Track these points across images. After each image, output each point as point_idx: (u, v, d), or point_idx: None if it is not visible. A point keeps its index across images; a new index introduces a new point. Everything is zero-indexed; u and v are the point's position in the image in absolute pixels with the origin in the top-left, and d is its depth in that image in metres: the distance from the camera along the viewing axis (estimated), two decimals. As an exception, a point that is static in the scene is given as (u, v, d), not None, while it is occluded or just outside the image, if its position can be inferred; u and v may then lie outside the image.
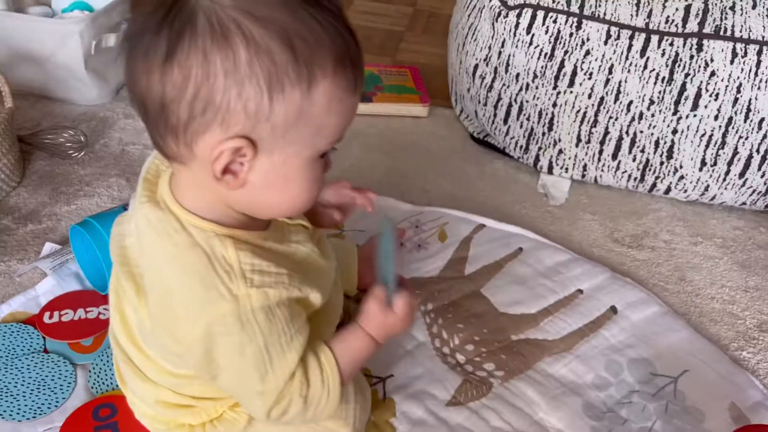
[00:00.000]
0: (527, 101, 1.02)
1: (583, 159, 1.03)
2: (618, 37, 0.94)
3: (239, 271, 0.48)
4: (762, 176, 0.96)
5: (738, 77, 0.91)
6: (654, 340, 0.78)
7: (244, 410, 0.58)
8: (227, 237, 0.49)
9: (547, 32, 0.96)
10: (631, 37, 0.93)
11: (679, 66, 0.93)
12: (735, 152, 0.95)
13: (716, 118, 0.93)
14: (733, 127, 0.94)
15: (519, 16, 0.97)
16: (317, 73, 0.45)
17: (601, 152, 1.01)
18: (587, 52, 0.95)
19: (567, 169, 1.05)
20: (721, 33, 0.91)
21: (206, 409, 0.58)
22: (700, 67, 0.92)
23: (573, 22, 0.94)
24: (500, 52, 1.01)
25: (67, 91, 1.11)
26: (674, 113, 0.95)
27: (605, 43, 0.94)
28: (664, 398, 0.73)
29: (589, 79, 0.96)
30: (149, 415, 0.61)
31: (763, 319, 0.85)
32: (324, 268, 0.56)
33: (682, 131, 0.96)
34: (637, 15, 0.93)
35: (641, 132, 0.97)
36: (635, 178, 1.02)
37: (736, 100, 0.92)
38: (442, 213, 0.96)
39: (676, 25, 0.92)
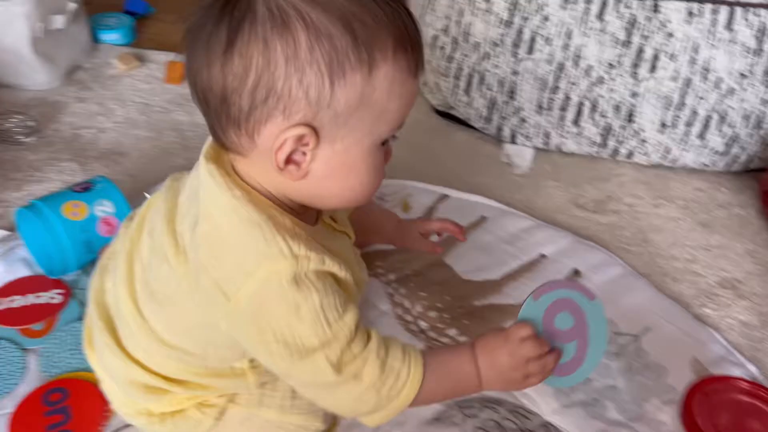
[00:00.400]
0: (488, 71, 1.01)
1: (545, 126, 1.02)
2: (575, 2, 0.93)
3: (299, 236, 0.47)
4: (721, 136, 0.96)
5: (694, 37, 0.91)
6: (617, 301, 0.78)
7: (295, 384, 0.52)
8: (286, 213, 0.49)
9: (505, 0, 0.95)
10: (588, 1, 0.93)
11: (636, 28, 0.92)
12: (694, 113, 0.95)
13: (674, 79, 0.93)
14: (691, 88, 0.94)
15: (475, -18, 0.95)
16: (377, 56, 0.45)
17: (562, 119, 1.01)
18: (545, 18, 0.94)
19: (529, 137, 1.04)
20: (676, -7, 0.91)
21: (176, 397, 0.56)
22: (656, 28, 0.92)
23: (529, -14, 0.93)
24: (459, 22, 0.99)
25: (14, 75, 1.07)
26: (633, 76, 0.94)
27: (563, 8, 0.93)
28: (627, 356, 0.73)
29: (548, 45, 0.95)
30: (118, 397, 0.59)
31: (725, 276, 0.86)
32: (359, 278, 0.54)
33: (642, 94, 0.95)
34: (592, -23, 0.92)
35: (601, 97, 0.97)
36: (597, 144, 1.02)
37: (693, 60, 0.92)
38: (404, 185, 0.95)
39: (632, -13, 0.91)
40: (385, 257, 0.82)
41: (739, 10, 0.90)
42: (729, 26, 0.91)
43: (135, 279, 0.55)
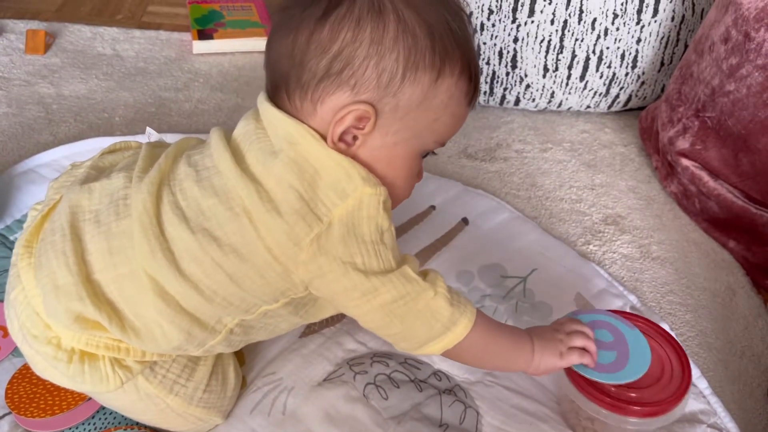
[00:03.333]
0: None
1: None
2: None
3: None
4: (601, 77, 0.98)
5: (569, -21, 0.92)
6: (504, 245, 0.79)
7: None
8: None
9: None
10: (464, -55, 0.91)
11: (513, -28, 0.92)
12: (573, 55, 0.96)
13: (552, 22, 0.94)
14: (568, 31, 0.94)
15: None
16: (447, 68, 0.50)
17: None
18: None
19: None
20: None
21: (101, 339, 0.51)
22: (532, -29, 0.92)
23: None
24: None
25: None
26: (513, 21, 0.94)
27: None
28: (514, 298, 0.74)
29: None
30: (33, 314, 0.52)
31: (608, 213, 0.88)
32: None
33: (523, 39, 0.96)
34: None
35: (485, 44, 0.96)
36: (485, 92, 1.02)
37: (568, 2, 0.93)
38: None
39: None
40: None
41: (609, -50, 0.91)
42: (600, -34, 0.91)
43: (162, 200, 0.51)
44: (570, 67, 0.97)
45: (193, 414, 0.56)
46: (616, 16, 0.93)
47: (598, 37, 0.95)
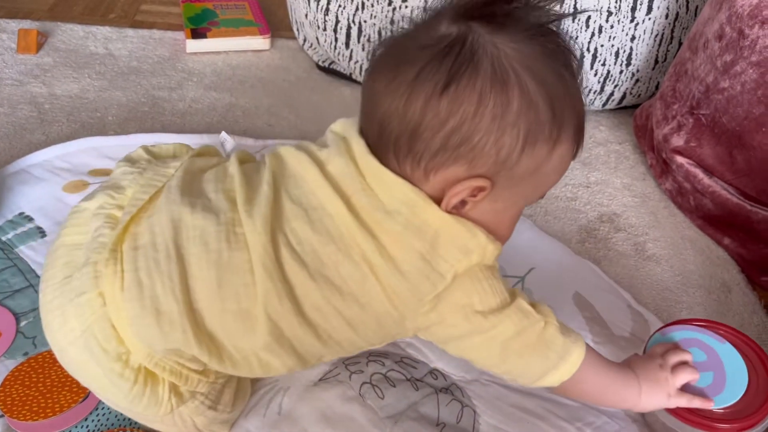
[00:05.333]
0: (365, 21, 0.98)
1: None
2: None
3: None
4: (595, 75, 0.98)
5: (563, -23, 0.91)
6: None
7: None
8: None
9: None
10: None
11: (507, -30, 0.91)
12: (568, 53, 0.96)
13: (547, 20, 0.94)
14: (562, 29, 0.94)
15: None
16: (563, 136, 0.48)
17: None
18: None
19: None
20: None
21: (172, 365, 0.50)
22: (526, -31, 0.91)
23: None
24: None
25: None
26: (508, 19, 0.94)
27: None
28: (512, 297, 0.74)
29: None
30: (110, 329, 0.48)
31: (603, 210, 0.88)
32: None
33: (517, 37, 0.95)
34: None
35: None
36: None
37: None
38: (285, 144, 0.91)
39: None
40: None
41: (603, -52, 0.91)
42: (595, -36, 0.91)
43: (278, 242, 0.48)
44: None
45: (210, 429, 0.57)
46: (610, 13, 0.93)
47: (593, 34, 0.95)
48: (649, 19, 0.94)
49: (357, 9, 0.97)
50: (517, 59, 0.45)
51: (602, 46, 0.95)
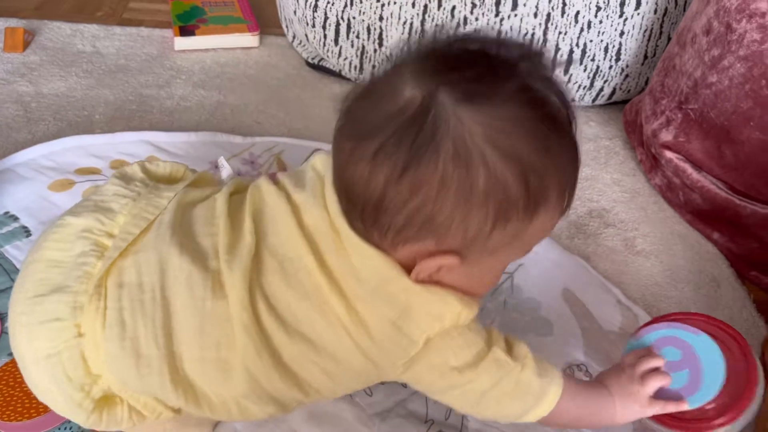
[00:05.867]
0: (354, 18, 0.97)
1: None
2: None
3: None
4: (584, 70, 0.98)
5: (552, -28, 0.91)
6: (490, 240, 0.79)
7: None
8: None
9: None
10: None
11: (495, -35, 0.91)
12: (557, 49, 0.96)
13: (535, 15, 0.94)
14: (552, 24, 0.94)
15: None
16: (541, 206, 0.44)
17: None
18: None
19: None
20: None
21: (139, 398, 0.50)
22: (515, -36, 0.91)
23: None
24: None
25: None
26: (497, 14, 0.94)
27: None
28: (502, 294, 0.73)
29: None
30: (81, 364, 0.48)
31: (593, 206, 0.88)
32: None
33: (505, 33, 0.95)
34: None
35: (468, 38, 0.96)
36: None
37: (552, -5, 0.92)
38: (275, 142, 0.91)
39: None
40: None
41: (591, -57, 0.91)
42: (583, -41, 0.91)
43: (256, 297, 0.47)
44: (553, 61, 0.97)
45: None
46: (599, 8, 0.93)
47: (582, 30, 0.94)
48: (638, 14, 0.94)
49: (346, 5, 0.96)
50: (482, 135, 0.42)
51: (591, 41, 0.95)
